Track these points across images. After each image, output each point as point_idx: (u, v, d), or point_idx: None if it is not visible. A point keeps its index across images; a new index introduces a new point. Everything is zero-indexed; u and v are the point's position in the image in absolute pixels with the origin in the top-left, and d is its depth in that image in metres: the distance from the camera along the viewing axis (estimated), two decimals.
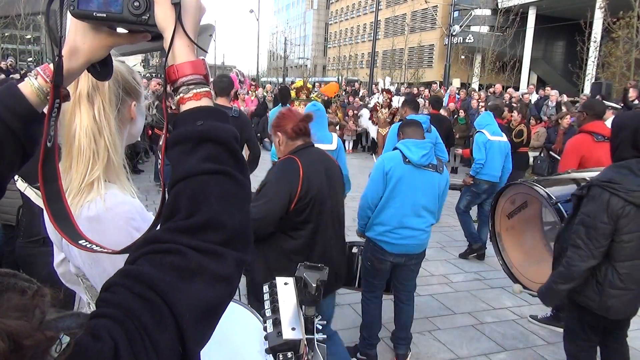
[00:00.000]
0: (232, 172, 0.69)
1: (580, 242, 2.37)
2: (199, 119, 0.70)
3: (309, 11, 65.47)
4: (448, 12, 28.90)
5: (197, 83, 0.72)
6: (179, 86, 0.72)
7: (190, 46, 0.73)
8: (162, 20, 0.72)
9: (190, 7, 0.73)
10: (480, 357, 3.56)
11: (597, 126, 4.01)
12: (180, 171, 0.68)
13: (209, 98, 0.73)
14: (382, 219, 3.16)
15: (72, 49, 0.75)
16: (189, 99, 0.72)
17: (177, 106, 0.73)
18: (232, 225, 0.66)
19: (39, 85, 0.76)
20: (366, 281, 3.37)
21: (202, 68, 0.73)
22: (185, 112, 0.71)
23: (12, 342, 0.44)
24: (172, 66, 0.73)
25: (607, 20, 17.04)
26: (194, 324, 0.61)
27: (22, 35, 32.06)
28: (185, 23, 0.72)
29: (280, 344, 1.30)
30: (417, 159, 3.07)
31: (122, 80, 1.14)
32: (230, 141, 0.71)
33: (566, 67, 23.27)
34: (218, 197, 0.66)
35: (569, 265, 2.43)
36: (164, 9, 0.71)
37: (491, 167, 5.36)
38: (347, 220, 6.96)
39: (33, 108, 0.76)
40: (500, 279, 5.00)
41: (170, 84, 0.73)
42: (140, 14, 0.71)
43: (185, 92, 0.72)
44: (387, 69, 32.35)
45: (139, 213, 1.13)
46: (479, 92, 14.35)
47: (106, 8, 0.70)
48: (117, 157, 1.12)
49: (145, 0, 0.71)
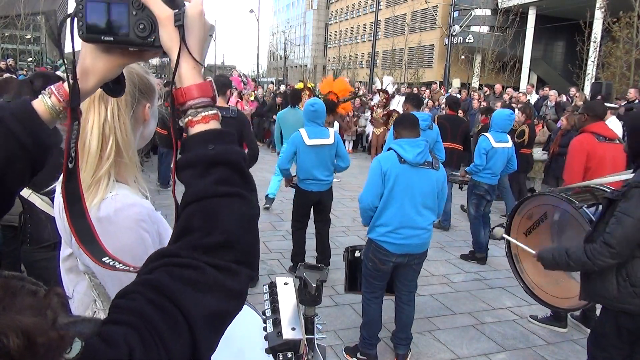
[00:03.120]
0: (243, 194, 0.73)
1: (614, 241, 2.32)
2: (210, 142, 0.72)
3: (309, 11, 65.45)
4: (448, 12, 28.86)
5: (205, 106, 0.74)
6: (187, 109, 0.74)
7: (196, 67, 0.74)
8: (167, 42, 0.72)
9: (194, 27, 0.73)
10: (480, 357, 3.56)
11: (599, 127, 4.04)
12: (194, 192, 0.71)
13: (217, 120, 0.75)
14: (384, 220, 3.16)
15: (85, 70, 0.76)
16: (197, 122, 0.73)
17: (186, 127, 0.75)
18: (244, 244, 0.70)
19: (52, 104, 0.77)
20: (367, 282, 3.37)
21: (210, 90, 0.75)
22: (196, 135, 0.73)
23: (26, 339, 0.44)
24: (180, 89, 0.73)
25: (607, 20, 17.04)
26: (207, 333, 0.64)
27: (22, 35, 32.08)
28: (190, 44, 0.73)
29: (280, 344, 1.30)
30: (412, 158, 3.07)
31: (138, 81, 1.14)
32: (240, 163, 0.74)
33: (566, 67, 23.30)
34: (232, 218, 0.70)
35: (595, 258, 2.37)
36: (168, 32, 0.72)
37: (492, 172, 5.34)
38: (347, 220, 7.01)
39: (45, 125, 0.77)
40: (500, 279, 5.01)
41: (178, 105, 0.75)
42: (146, 36, 0.72)
43: (194, 115, 0.73)
44: (387, 69, 32.35)
45: (149, 215, 1.13)
46: (478, 92, 14.34)
47: (113, 32, 0.72)
48: (130, 158, 1.12)
49: (150, 23, 0.72)
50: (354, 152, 13.67)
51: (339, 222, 6.66)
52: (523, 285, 3.64)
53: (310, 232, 4.88)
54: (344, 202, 7.80)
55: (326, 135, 4.58)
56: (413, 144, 3.13)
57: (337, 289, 4.45)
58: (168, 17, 0.71)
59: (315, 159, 4.53)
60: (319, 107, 4.58)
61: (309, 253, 4.92)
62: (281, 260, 5.16)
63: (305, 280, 1.59)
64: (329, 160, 4.62)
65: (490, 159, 5.26)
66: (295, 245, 4.85)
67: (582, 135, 4.15)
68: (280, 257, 5.25)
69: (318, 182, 4.60)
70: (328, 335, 3.43)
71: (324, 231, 4.87)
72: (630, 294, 2.36)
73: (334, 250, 5.04)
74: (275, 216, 6.89)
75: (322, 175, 4.59)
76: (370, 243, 3.28)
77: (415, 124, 3.25)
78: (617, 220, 2.35)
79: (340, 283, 4.42)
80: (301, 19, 66.58)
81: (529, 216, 3.62)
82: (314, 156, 4.52)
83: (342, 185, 9.03)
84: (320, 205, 4.79)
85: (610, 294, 2.42)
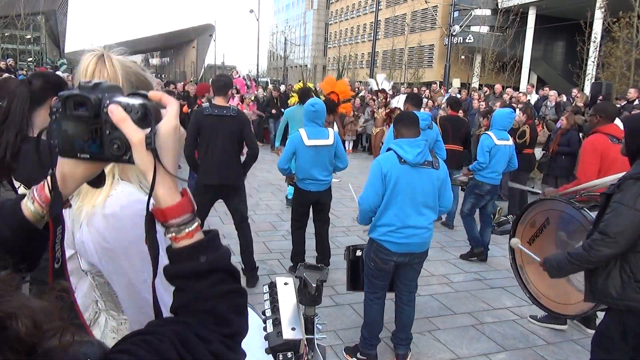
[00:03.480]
0: (237, 288, 0.80)
1: (608, 229, 2.33)
2: (201, 254, 0.76)
3: (309, 11, 65.42)
4: (448, 12, 28.87)
5: (188, 222, 0.76)
6: (169, 226, 0.75)
7: (173, 186, 0.75)
8: (140, 164, 0.72)
9: (168, 145, 0.73)
10: (480, 357, 3.56)
11: (612, 128, 4.04)
12: (193, 295, 0.76)
13: (200, 230, 0.78)
14: (385, 220, 3.16)
15: (64, 176, 0.78)
16: (182, 237, 0.75)
17: (170, 242, 0.77)
18: (243, 329, 0.80)
19: (35, 209, 0.79)
20: (369, 281, 3.36)
21: (189, 206, 0.76)
22: (184, 248, 0.76)
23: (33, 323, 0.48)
24: (160, 210, 0.75)
25: (607, 20, 17.03)
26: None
27: (22, 35, 32.06)
28: (165, 162, 0.72)
29: (280, 344, 1.30)
30: (412, 158, 3.06)
31: (135, 80, 1.15)
32: (230, 264, 0.80)
33: (566, 67, 23.29)
34: (234, 312, 0.78)
35: (591, 249, 2.38)
36: (141, 155, 0.71)
37: (494, 171, 5.35)
38: (347, 220, 7.01)
39: (32, 226, 0.80)
40: (500, 279, 5.01)
41: (159, 223, 0.77)
42: (121, 155, 0.72)
43: (178, 233, 0.75)
44: (387, 69, 32.35)
45: None
46: (478, 92, 14.34)
47: (88, 150, 0.73)
48: None
49: (124, 142, 0.71)
50: (354, 152, 13.66)
51: (339, 222, 6.66)
52: (529, 296, 3.65)
53: (310, 232, 4.88)
54: (344, 202, 7.80)
55: (326, 135, 4.57)
56: (412, 144, 3.12)
57: (337, 289, 4.45)
58: (140, 141, 0.70)
59: (314, 159, 4.53)
60: (319, 107, 4.58)
61: (309, 253, 4.92)
62: (281, 260, 5.16)
63: (305, 280, 1.59)
64: (327, 161, 4.62)
65: (493, 157, 5.29)
66: (295, 245, 4.85)
67: (595, 136, 4.12)
68: (280, 257, 5.25)
69: (316, 182, 4.60)
70: (328, 335, 3.43)
71: (323, 231, 4.87)
72: (634, 289, 2.36)
73: (334, 250, 5.04)
74: (275, 216, 6.89)
75: (320, 176, 4.59)
76: (371, 243, 3.27)
77: (415, 122, 3.24)
78: (611, 210, 2.37)
79: (340, 283, 4.42)
80: (301, 19, 66.55)
81: (531, 224, 3.62)
82: (313, 156, 4.52)
83: (342, 185, 9.03)
84: (319, 204, 4.79)
85: (615, 292, 2.42)
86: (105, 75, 1.07)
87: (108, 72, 1.08)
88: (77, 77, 1.09)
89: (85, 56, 1.10)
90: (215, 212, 5.65)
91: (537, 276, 3.55)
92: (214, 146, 4.22)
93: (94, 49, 1.11)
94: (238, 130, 4.25)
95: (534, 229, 3.60)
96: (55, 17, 44.13)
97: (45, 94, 2.16)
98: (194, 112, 4.90)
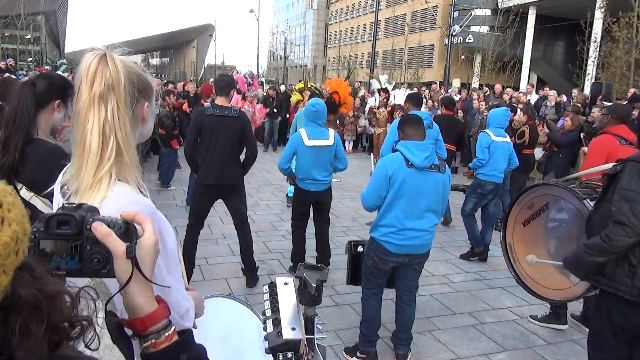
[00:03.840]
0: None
1: (625, 218, 2.27)
2: (181, 352, 0.83)
3: (309, 11, 65.41)
4: (448, 12, 28.85)
5: (166, 326, 0.82)
6: (149, 334, 0.80)
7: (151, 295, 0.81)
8: (121, 275, 0.77)
9: (147, 257, 0.80)
10: (480, 357, 3.56)
11: (621, 130, 4.03)
12: None
13: (176, 333, 0.84)
14: (386, 221, 3.15)
15: None
16: (162, 342, 0.81)
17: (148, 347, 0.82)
18: None
19: None
20: (366, 278, 3.38)
21: (166, 311, 0.83)
22: (165, 349, 0.81)
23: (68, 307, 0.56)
24: (137, 320, 0.80)
25: (607, 20, 17.03)
26: None
27: (22, 35, 32.06)
28: (145, 269, 0.79)
29: (280, 344, 1.30)
30: (420, 162, 3.04)
31: (137, 81, 1.14)
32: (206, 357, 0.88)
33: (566, 67, 23.29)
34: None
35: (610, 240, 2.32)
36: (122, 266, 0.77)
37: (496, 168, 5.36)
38: (347, 220, 7.00)
39: None
40: (500, 279, 5.01)
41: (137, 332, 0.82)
42: (100, 269, 0.76)
43: (157, 338, 0.81)
44: (387, 69, 32.34)
45: (151, 213, 1.13)
46: (478, 92, 14.34)
47: (65, 267, 0.75)
48: (130, 157, 1.12)
49: (104, 256, 0.76)
50: (354, 152, 13.66)
51: (339, 222, 6.66)
52: (514, 275, 3.66)
53: (310, 232, 4.88)
54: (344, 202, 7.80)
55: (326, 136, 4.57)
56: (421, 147, 3.09)
57: (337, 289, 4.45)
58: (123, 252, 0.76)
59: (314, 160, 4.53)
60: (320, 107, 4.58)
61: (309, 253, 4.92)
62: (281, 260, 5.16)
63: (305, 280, 1.59)
64: (327, 161, 4.62)
65: (493, 153, 5.32)
66: (295, 245, 4.85)
67: (603, 136, 4.12)
68: (280, 257, 5.25)
69: (316, 182, 4.60)
70: (328, 335, 3.43)
71: (323, 230, 4.87)
72: (626, 273, 2.35)
73: (334, 250, 5.04)
74: (275, 216, 6.89)
75: (320, 176, 4.59)
76: (372, 241, 3.28)
77: (420, 124, 3.23)
78: (620, 197, 2.33)
79: (340, 283, 4.42)
80: (301, 19, 66.54)
81: (529, 206, 3.63)
82: (313, 157, 4.52)
83: (342, 185, 9.03)
84: (318, 204, 4.79)
85: (607, 272, 2.41)
86: (107, 75, 1.06)
87: (110, 72, 1.07)
88: (79, 77, 1.08)
89: (87, 56, 1.08)
90: (215, 212, 5.65)
91: (524, 256, 3.59)
92: (214, 146, 4.22)
93: (96, 48, 1.10)
94: (239, 130, 4.25)
95: (531, 212, 3.59)
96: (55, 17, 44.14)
97: (49, 96, 2.16)
98: (196, 111, 4.89)
